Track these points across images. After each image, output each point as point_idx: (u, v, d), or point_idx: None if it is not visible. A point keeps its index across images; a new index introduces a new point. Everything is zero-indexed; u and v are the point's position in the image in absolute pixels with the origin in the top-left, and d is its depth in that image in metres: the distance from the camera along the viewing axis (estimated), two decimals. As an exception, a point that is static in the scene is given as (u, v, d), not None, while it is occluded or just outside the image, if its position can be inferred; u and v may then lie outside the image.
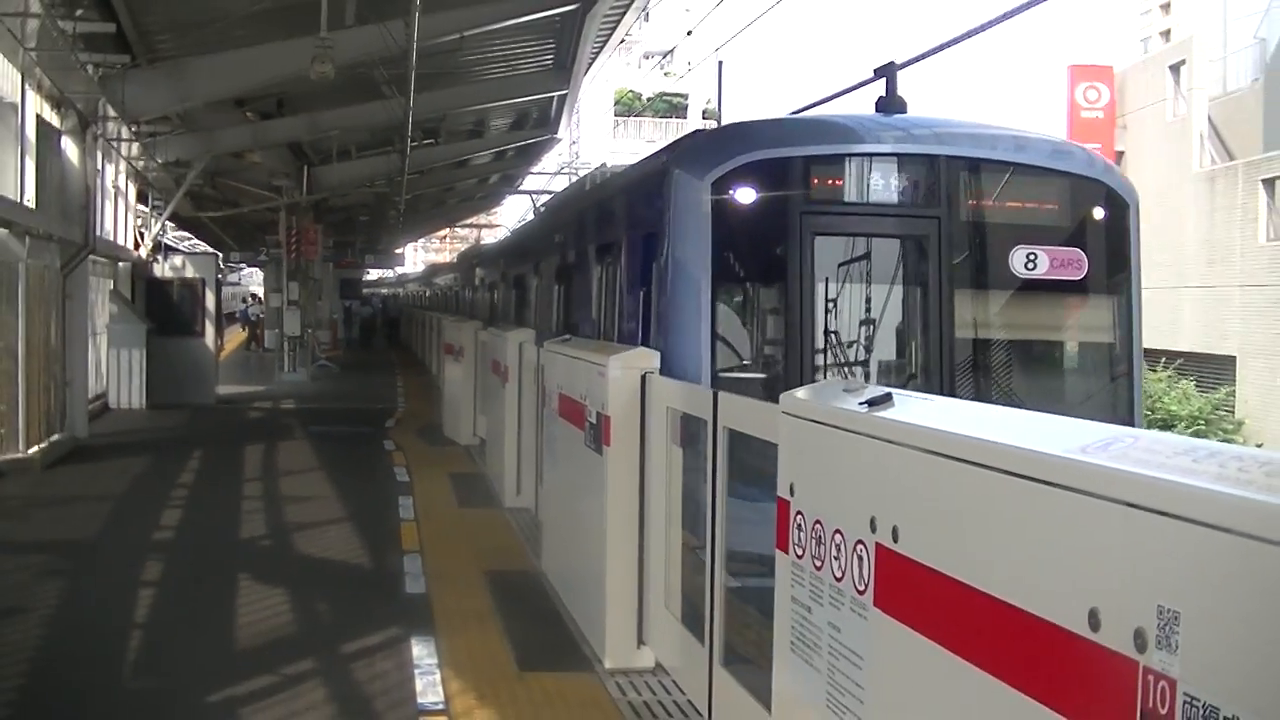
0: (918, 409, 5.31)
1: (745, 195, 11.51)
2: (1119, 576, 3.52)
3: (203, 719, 8.76)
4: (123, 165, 30.30)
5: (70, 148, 23.55)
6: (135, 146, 28.83)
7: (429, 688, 9.19)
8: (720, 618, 7.92)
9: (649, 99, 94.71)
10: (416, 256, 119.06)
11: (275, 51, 23.88)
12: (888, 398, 5.47)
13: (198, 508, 16.88)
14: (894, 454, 5.02)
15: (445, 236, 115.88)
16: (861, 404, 5.47)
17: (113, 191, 29.70)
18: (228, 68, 24.44)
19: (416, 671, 9.55)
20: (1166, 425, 36.85)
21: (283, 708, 8.85)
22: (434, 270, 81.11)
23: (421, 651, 10.05)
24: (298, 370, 39.40)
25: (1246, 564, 3.05)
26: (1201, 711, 3.15)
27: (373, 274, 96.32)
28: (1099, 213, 11.98)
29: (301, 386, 37.32)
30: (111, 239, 29.07)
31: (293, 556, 13.99)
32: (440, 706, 8.81)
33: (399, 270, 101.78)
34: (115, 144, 27.33)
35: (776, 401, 6.54)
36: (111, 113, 24.58)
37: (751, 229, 11.83)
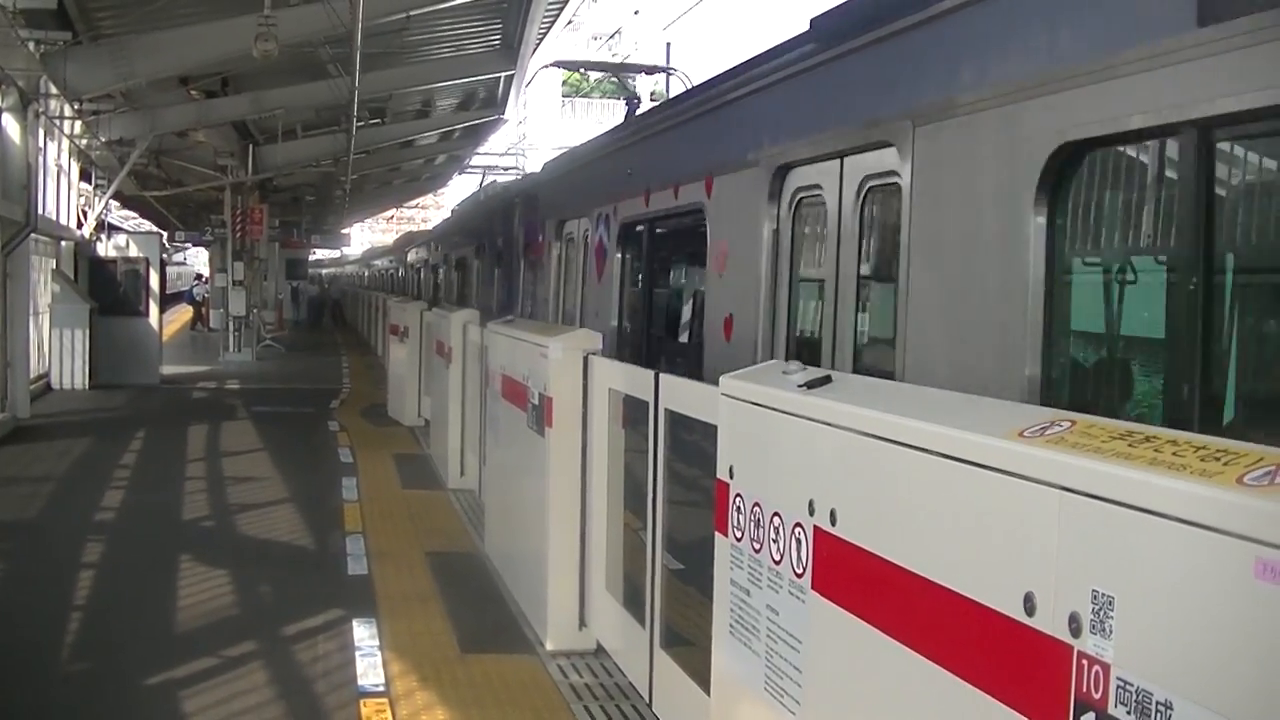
0: (856, 392, 5.31)
1: None
2: (1054, 561, 3.53)
3: (141, 702, 8.68)
4: (65, 143, 29.98)
5: (11, 125, 23.27)
6: (78, 124, 28.54)
7: (370, 670, 9.16)
8: (660, 600, 7.92)
9: (597, 80, 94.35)
10: (363, 237, 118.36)
11: (219, 29, 23.71)
12: (826, 380, 5.47)
13: (140, 489, 16.74)
14: (831, 437, 5.02)
15: (392, 217, 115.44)
16: (800, 386, 5.47)
17: (55, 170, 29.36)
18: (171, 45, 24.23)
19: (358, 654, 9.51)
20: None
21: (223, 690, 8.81)
22: (409, 241, 55.06)
23: (363, 633, 10.02)
24: (243, 350, 39.21)
25: (1180, 549, 3.07)
26: (1135, 696, 3.17)
27: (319, 254, 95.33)
28: None
29: (246, 367, 37.14)
30: (54, 218, 28.74)
31: (235, 538, 13.91)
32: (381, 689, 8.77)
33: (363, 246, 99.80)
34: (57, 122, 27.05)
35: None
36: (53, 90, 24.33)
37: None
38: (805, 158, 8.67)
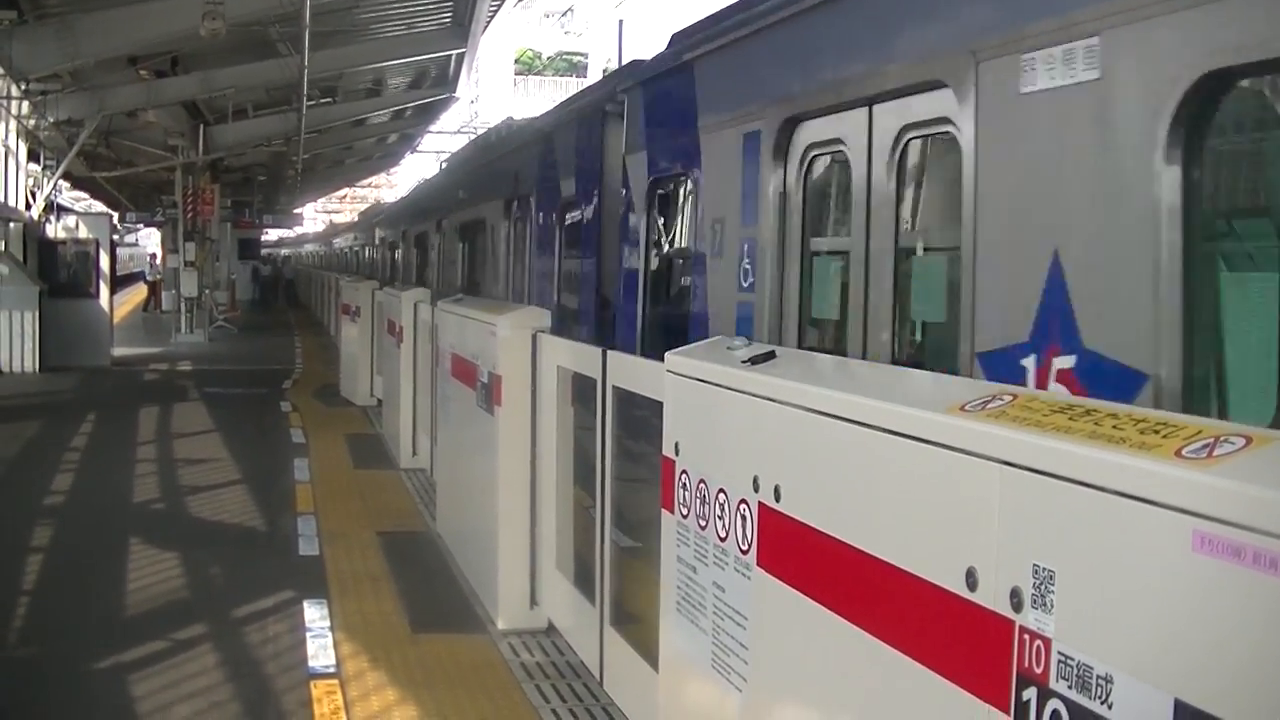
0: (799, 367, 5.30)
1: None
2: (996, 536, 3.53)
3: (89, 686, 8.62)
4: (12, 124, 29.71)
5: (-44, 106, 23.09)
6: (25, 105, 28.29)
7: (321, 651, 9.12)
8: (610, 578, 7.91)
9: (549, 58, 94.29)
10: (315, 216, 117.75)
11: (167, 8, 23.51)
12: (770, 355, 5.45)
13: (90, 472, 16.64)
14: (775, 412, 5.00)
15: (344, 196, 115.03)
16: (744, 362, 5.45)
17: (2, 151, 29.12)
18: (119, 24, 24.03)
19: (309, 635, 9.48)
20: None
21: (172, 673, 8.76)
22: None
23: (314, 614, 9.98)
24: (195, 332, 38.98)
25: (1119, 522, 3.06)
26: (1075, 670, 3.17)
27: (273, 234, 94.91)
28: None
29: (198, 348, 36.94)
30: (1, 199, 28.53)
31: (186, 519, 13.85)
32: (332, 670, 8.75)
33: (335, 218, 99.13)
34: (4, 102, 26.81)
35: None
36: (-1, 70, 24.13)
37: None
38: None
